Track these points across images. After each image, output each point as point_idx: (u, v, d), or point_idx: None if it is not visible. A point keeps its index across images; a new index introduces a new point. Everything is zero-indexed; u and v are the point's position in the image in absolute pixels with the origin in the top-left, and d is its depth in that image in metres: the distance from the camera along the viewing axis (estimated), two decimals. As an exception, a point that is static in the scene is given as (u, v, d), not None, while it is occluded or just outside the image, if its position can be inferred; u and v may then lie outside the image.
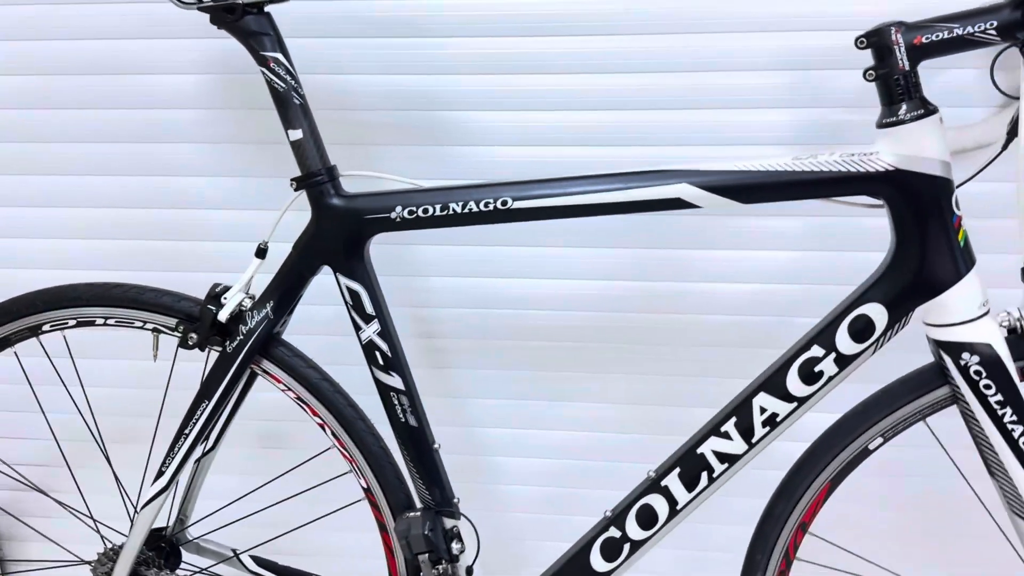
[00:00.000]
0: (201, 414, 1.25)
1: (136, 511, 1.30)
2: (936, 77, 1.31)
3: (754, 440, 1.16)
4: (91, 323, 1.32)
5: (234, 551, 1.42)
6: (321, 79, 1.43)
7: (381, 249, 1.25)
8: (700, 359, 1.55)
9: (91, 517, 1.47)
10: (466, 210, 1.15)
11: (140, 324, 1.30)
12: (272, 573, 1.41)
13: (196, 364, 1.30)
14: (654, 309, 1.53)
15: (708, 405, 1.51)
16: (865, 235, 1.43)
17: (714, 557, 1.67)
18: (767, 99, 1.41)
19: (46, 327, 1.33)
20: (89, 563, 1.41)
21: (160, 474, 1.28)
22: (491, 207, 1.15)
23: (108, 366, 1.63)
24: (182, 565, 1.43)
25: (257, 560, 1.42)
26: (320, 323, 1.46)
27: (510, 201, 1.14)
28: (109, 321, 1.31)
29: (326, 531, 1.50)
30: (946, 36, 1.02)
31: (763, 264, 1.50)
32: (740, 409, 1.17)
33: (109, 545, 1.39)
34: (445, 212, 1.16)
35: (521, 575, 1.32)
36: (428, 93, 1.48)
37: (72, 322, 1.32)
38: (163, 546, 1.40)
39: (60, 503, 1.50)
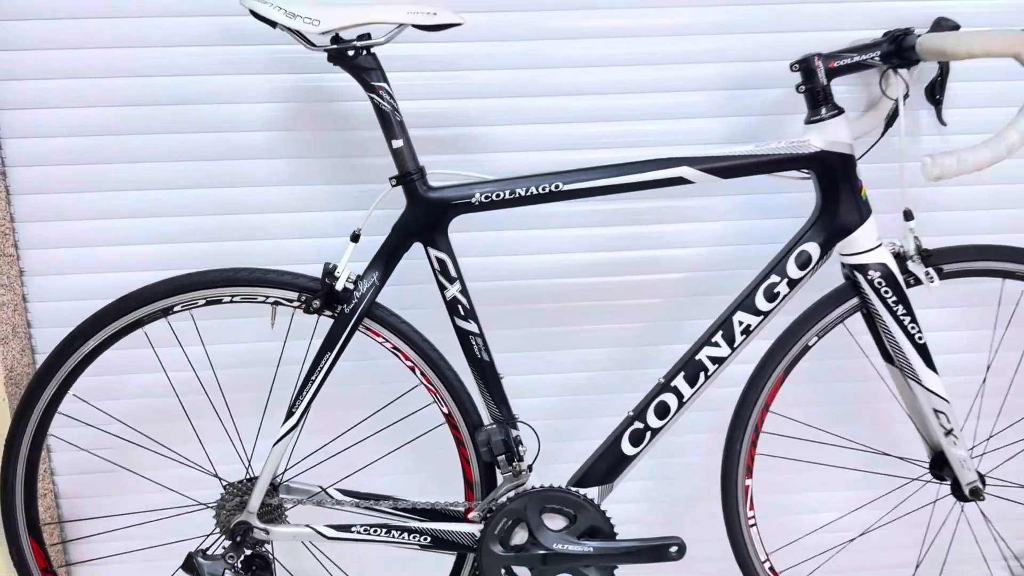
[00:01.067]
0: (325, 363, 1.59)
1: (271, 447, 1.62)
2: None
3: (735, 345, 1.65)
4: (218, 301, 1.61)
5: (320, 487, 1.74)
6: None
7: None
8: (665, 307, 2.02)
9: (214, 472, 1.76)
10: (528, 193, 1.57)
11: (263, 299, 1.61)
12: (358, 499, 1.72)
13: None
14: (628, 272, 1.99)
15: (675, 342, 2.01)
16: (775, 208, 1.97)
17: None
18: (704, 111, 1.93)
19: (177, 308, 1.61)
20: (210, 505, 1.70)
21: (290, 414, 1.60)
22: (547, 190, 1.57)
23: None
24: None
25: (343, 492, 1.73)
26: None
27: (561, 185, 1.57)
28: (235, 298, 1.61)
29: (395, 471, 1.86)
30: (850, 61, 1.57)
31: (705, 233, 1.99)
32: (724, 324, 1.65)
33: (226, 484, 1.68)
34: (513, 195, 1.58)
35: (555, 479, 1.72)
36: (459, 113, 1.88)
37: (202, 301, 1.61)
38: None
39: (182, 457, 1.78)
